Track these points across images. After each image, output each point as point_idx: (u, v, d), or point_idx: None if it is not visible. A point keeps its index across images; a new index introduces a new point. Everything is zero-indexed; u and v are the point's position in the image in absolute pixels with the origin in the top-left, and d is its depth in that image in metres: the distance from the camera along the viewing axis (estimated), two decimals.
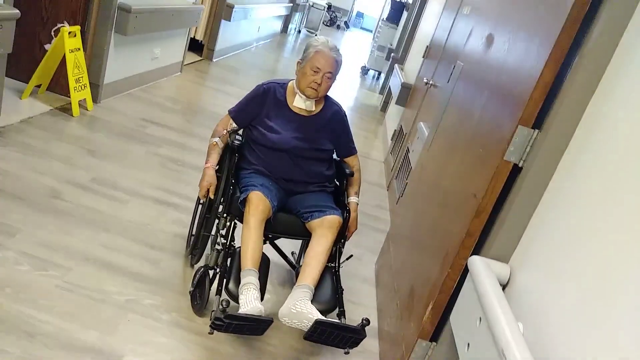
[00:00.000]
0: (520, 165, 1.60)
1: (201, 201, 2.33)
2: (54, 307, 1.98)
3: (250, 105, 2.34)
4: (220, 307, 1.76)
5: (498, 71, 1.95)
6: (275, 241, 2.46)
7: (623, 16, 1.38)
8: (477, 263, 1.55)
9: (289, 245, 2.66)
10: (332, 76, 2.25)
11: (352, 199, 2.36)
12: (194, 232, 2.45)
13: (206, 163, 2.25)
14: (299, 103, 2.30)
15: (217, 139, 2.29)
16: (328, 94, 2.37)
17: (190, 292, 2.21)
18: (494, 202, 1.66)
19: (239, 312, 1.84)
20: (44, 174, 2.86)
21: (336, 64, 2.26)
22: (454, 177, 2.09)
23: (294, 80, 2.32)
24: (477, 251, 1.71)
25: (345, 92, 8.33)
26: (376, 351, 2.35)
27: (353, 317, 2.50)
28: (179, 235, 2.69)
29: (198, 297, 2.17)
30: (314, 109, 2.32)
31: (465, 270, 1.66)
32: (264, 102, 2.32)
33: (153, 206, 2.90)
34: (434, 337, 1.87)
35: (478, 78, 2.20)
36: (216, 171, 2.26)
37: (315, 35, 13.23)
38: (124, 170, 3.18)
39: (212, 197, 2.21)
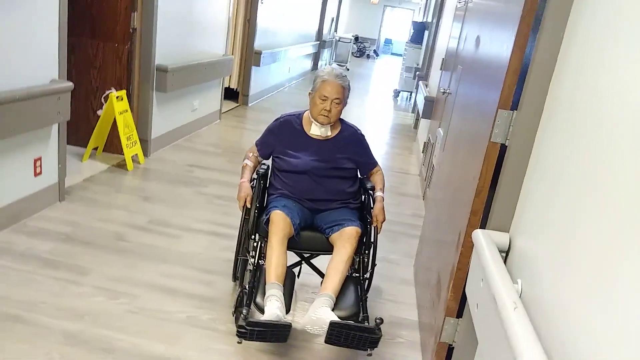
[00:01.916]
0: (506, 144, 1.79)
1: (236, 234, 2.52)
2: (126, 328, 2.29)
3: (269, 137, 2.55)
4: (242, 315, 1.93)
5: (485, 66, 2.16)
6: (314, 260, 2.58)
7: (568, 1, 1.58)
8: (479, 235, 1.73)
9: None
10: (340, 101, 2.40)
11: (377, 193, 2.50)
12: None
13: (241, 179, 2.46)
14: (315, 130, 2.46)
15: (247, 161, 2.53)
16: (344, 117, 2.54)
17: (232, 313, 2.35)
18: (490, 180, 1.86)
19: (259, 319, 1.99)
20: (107, 221, 3.24)
21: (343, 90, 2.40)
22: (460, 169, 2.29)
23: (309, 111, 2.49)
24: (483, 227, 1.89)
25: (380, 116, 8.60)
26: (418, 341, 2.52)
27: (395, 314, 2.71)
28: (229, 260, 2.96)
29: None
30: (330, 133, 2.48)
31: None
32: (281, 134, 2.51)
33: (204, 237, 3.22)
34: (459, 314, 2.04)
35: (472, 76, 2.42)
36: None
37: (346, 67, 13.65)
38: (176, 210, 3.54)
39: (249, 206, 2.38)
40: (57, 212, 3.27)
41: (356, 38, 16.88)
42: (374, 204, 2.48)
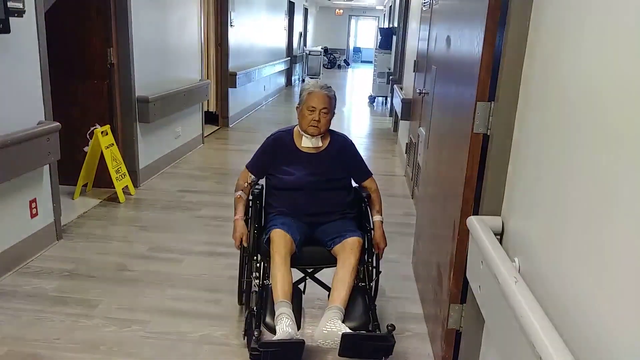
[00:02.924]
0: (488, 134, 1.91)
1: (237, 251, 2.50)
2: (142, 353, 2.34)
3: (262, 157, 2.55)
4: (254, 337, 1.91)
5: (458, 64, 2.29)
6: (318, 275, 2.57)
7: None
8: (473, 221, 1.84)
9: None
10: (328, 111, 2.43)
11: (376, 218, 2.51)
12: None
13: (235, 216, 2.45)
14: (307, 143, 2.47)
15: (240, 192, 2.49)
16: (332, 128, 2.55)
17: (243, 336, 2.36)
18: (477, 169, 1.97)
19: (272, 339, 1.98)
20: (108, 254, 3.29)
21: (329, 100, 2.44)
22: (447, 163, 2.40)
23: (298, 125, 2.52)
24: (475, 214, 1.99)
25: (358, 123, 8.74)
26: (425, 332, 2.61)
27: (401, 310, 2.80)
28: (232, 277, 3.03)
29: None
30: (320, 144, 2.49)
31: None
32: (275, 151, 2.52)
33: (205, 259, 3.29)
34: (463, 300, 2.14)
35: (447, 74, 2.54)
36: (245, 221, 2.45)
37: (319, 79, 13.81)
38: (174, 236, 3.59)
39: (245, 245, 2.40)
40: (57, 250, 3.30)
41: (325, 50, 17.12)
42: (373, 221, 2.48)
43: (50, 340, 2.39)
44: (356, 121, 8.91)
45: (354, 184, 2.65)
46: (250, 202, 2.51)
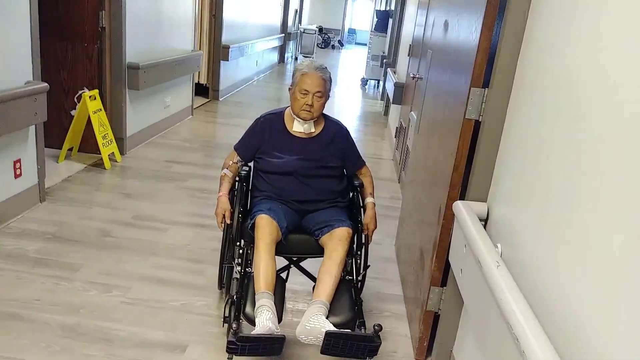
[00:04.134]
0: (480, 120, 1.92)
1: (219, 229, 2.38)
2: (123, 318, 2.35)
3: (250, 139, 2.42)
4: (232, 330, 1.81)
5: (455, 49, 2.29)
6: (302, 263, 2.47)
7: None
8: (459, 206, 1.86)
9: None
10: (322, 95, 2.28)
11: (368, 200, 2.41)
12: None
13: (219, 192, 2.35)
14: (298, 127, 2.33)
15: (226, 170, 2.39)
16: (327, 113, 2.43)
17: (222, 324, 2.26)
18: (466, 155, 1.99)
19: (251, 333, 1.87)
20: (91, 219, 3.27)
21: (324, 82, 2.28)
22: (437, 148, 2.42)
23: (290, 107, 2.37)
24: (462, 199, 2.02)
25: (349, 105, 8.72)
26: (404, 313, 2.65)
27: (381, 291, 2.84)
28: (216, 250, 3.02)
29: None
30: (313, 130, 2.35)
31: None
32: (263, 134, 2.38)
33: (189, 229, 3.28)
34: (443, 283, 2.18)
35: (443, 59, 2.54)
36: (231, 200, 2.34)
37: (313, 59, 13.71)
38: (159, 205, 3.58)
39: (228, 222, 2.29)
40: (40, 212, 3.27)
41: (320, 29, 16.96)
42: (364, 206, 2.41)
43: (30, 301, 2.39)
44: (347, 103, 8.87)
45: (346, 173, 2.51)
46: (238, 184, 2.38)
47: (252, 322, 1.97)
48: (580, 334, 1.11)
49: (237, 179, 2.39)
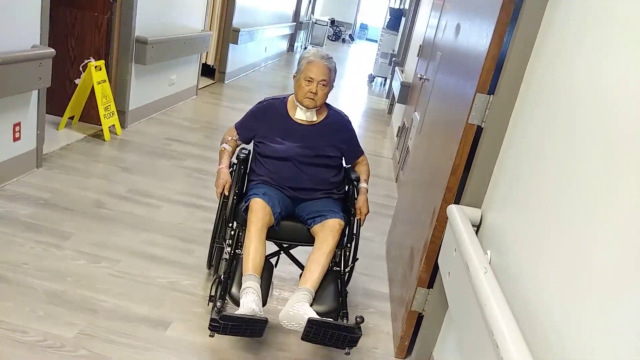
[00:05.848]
0: (482, 126, 1.92)
1: (216, 206, 2.41)
2: (110, 290, 2.35)
3: (250, 121, 2.44)
4: (216, 309, 1.84)
5: (464, 53, 2.28)
6: (293, 251, 2.48)
7: None
8: (452, 210, 1.87)
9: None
10: (327, 83, 2.30)
11: (362, 184, 2.43)
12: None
13: (219, 165, 2.37)
14: (300, 115, 2.35)
15: (225, 145, 2.42)
16: (330, 102, 2.45)
17: (207, 303, 2.26)
18: (465, 159, 1.99)
19: (234, 312, 1.88)
20: (87, 189, 3.27)
21: (329, 71, 2.30)
22: (437, 150, 2.42)
23: (293, 94, 2.39)
24: (457, 203, 2.02)
25: (354, 100, 8.70)
26: (388, 311, 2.66)
27: (368, 287, 2.85)
28: (207, 230, 3.03)
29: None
30: (315, 118, 2.37)
31: None
32: (264, 118, 2.40)
33: (183, 209, 3.29)
34: (430, 285, 2.19)
35: (451, 62, 2.54)
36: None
37: (320, 48, 13.66)
38: (155, 182, 3.58)
39: (227, 194, 2.29)
40: (36, 178, 3.27)
41: (332, 21, 16.89)
42: (358, 195, 2.42)
43: (19, 264, 2.39)
44: (352, 98, 8.85)
45: (345, 165, 2.53)
46: (235, 166, 2.40)
47: (237, 302, 1.98)
48: (559, 345, 1.12)
49: (235, 161, 2.40)
